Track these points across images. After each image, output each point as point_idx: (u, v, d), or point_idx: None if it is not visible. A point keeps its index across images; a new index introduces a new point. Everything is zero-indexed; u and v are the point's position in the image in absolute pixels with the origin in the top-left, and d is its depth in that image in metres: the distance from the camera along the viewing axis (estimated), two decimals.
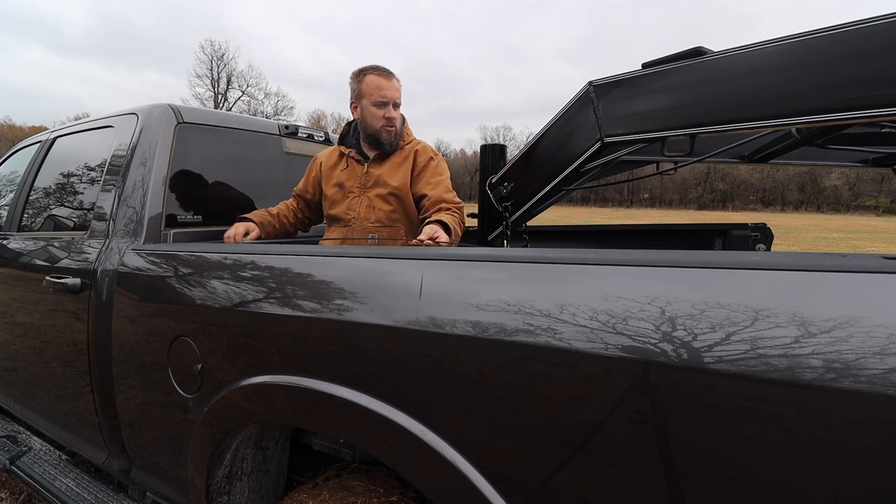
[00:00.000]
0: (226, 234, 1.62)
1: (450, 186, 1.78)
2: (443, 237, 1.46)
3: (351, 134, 1.86)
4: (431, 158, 1.79)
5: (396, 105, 1.71)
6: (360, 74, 1.72)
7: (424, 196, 1.71)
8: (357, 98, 1.74)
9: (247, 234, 1.66)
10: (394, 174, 1.74)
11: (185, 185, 1.62)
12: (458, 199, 1.74)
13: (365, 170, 1.76)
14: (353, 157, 1.79)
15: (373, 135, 1.73)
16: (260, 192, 1.94)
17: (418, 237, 1.47)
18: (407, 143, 1.80)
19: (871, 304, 0.51)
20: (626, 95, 1.26)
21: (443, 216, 1.59)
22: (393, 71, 1.72)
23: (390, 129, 1.71)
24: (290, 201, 1.90)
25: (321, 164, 1.85)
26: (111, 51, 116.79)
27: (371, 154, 1.78)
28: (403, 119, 1.81)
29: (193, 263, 1.22)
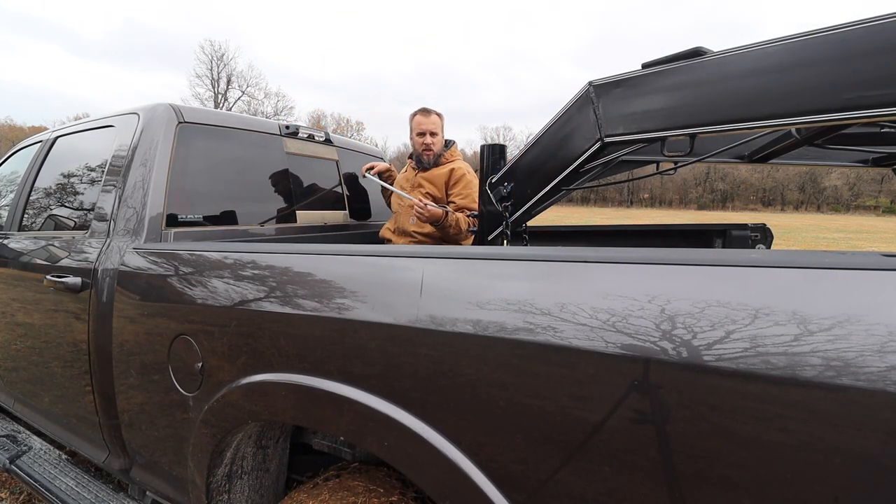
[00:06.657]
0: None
1: (475, 198, 2.10)
2: (432, 210, 2.08)
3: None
4: (464, 175, 2.38)
5: (433, 133, 2.35)
6: (412, 115, 2.43)
7: (453, 203, 2.32)
8: (410, 131, 2.46)
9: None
10: (431, 183, 2.39)
11: (185, 184, 1.62)
12: (475, 208, 2.08)
13: (415, 175, 2.45)
14: (412, 167, 2.50)
15: (417, 156, 2.43)
16: (261, 192, 1.94)
17: (418, 200, 2.12)
18: (449, 162, 2.41)
19: (870, 301, 0.51)
20: (626, 95, 1.26)
21: (457, 213, 2.21)
22: (434, 109, 2.40)
23: (428, 152, 2.38)
24: None
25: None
26: (127, 53, 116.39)
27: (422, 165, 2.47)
28: (452, 143, 2.47)
29: (194, 263, 1.22)
